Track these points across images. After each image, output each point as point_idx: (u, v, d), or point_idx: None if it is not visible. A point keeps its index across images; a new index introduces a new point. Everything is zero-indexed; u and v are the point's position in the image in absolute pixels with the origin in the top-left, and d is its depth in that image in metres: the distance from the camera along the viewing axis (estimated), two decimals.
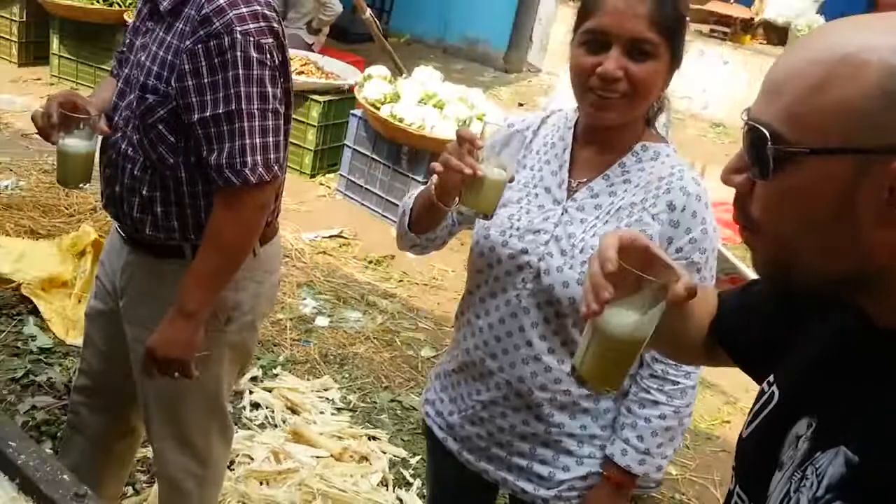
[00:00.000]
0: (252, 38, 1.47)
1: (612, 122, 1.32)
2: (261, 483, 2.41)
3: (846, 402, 0.73)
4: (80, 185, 1.71)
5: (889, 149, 0.64)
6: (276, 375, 2.96)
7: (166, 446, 1.80)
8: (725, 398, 3.31)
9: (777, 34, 7.19)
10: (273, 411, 2.76)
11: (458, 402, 1.50)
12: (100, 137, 1.65)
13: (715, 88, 6.43)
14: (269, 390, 2.86)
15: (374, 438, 2.72)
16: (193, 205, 1.60)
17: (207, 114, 1.48)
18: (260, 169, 1.51)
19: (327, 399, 2.90)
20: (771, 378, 0.86)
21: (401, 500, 2.46)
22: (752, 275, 1.34)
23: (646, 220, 1.32)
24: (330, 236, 4.19)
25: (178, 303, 1.56)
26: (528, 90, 6.88)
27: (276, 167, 1.54)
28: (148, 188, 1.59)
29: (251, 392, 2.82)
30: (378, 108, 4.30)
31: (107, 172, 1.66)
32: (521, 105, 6.36)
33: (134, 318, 1.71)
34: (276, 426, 2.69)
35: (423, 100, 4.37)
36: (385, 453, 2.65)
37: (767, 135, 0.69)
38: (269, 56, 1.50)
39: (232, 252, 1.57)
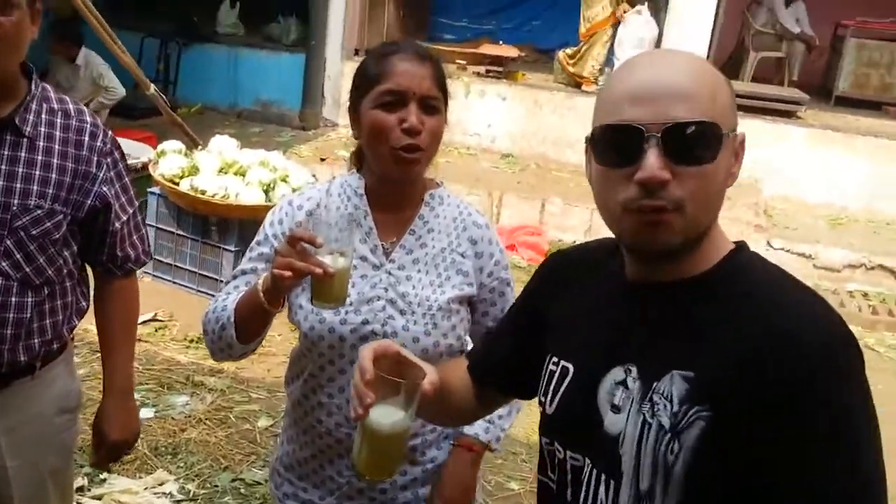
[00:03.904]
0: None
1: (417, 175, 1.44)
2: None
3: (656, 343, 0.91)
4: None
5: (733, 128, 0.92)
6: (104, 480, 2.77)
7: None
8: None
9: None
10: None
11: (328, 484, 1.51)
12: None
13: (498, 123, 6.93)
14: (99, 498, 2.67)
15: None
16: (69, 304, 1.64)
17: (130, 212, 1.68)
18: (146, 251, 1.79)
19: (164, 494, 2.75)
20: (555, 358, 1.01)
21: None
22: None
23: (458, 260, 1.47)
24: (143, 322, 3.99)
25: (119, 386, 1.72)
26: (328, 144, 6.99)
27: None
28: (28, 308, 1.54)
29: None
30: (177, 184, 4.19)
31: None
32: (323, 160, 6.43)
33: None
34: None
35: (223, 169, 4.32)
36: None
37: (715, 125, 0.89)
38: None
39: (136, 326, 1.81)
